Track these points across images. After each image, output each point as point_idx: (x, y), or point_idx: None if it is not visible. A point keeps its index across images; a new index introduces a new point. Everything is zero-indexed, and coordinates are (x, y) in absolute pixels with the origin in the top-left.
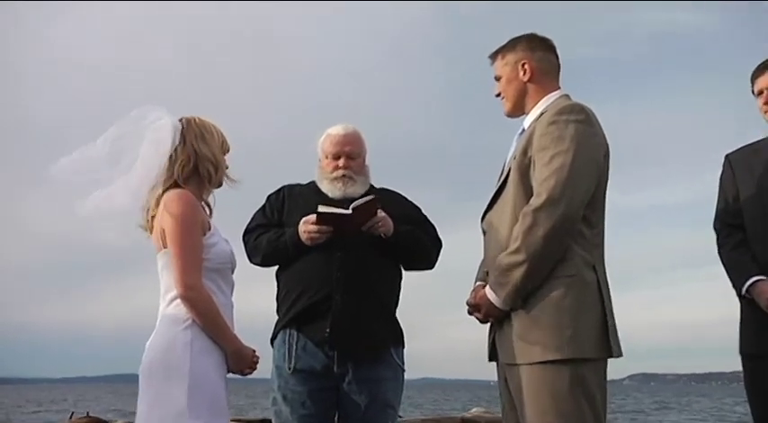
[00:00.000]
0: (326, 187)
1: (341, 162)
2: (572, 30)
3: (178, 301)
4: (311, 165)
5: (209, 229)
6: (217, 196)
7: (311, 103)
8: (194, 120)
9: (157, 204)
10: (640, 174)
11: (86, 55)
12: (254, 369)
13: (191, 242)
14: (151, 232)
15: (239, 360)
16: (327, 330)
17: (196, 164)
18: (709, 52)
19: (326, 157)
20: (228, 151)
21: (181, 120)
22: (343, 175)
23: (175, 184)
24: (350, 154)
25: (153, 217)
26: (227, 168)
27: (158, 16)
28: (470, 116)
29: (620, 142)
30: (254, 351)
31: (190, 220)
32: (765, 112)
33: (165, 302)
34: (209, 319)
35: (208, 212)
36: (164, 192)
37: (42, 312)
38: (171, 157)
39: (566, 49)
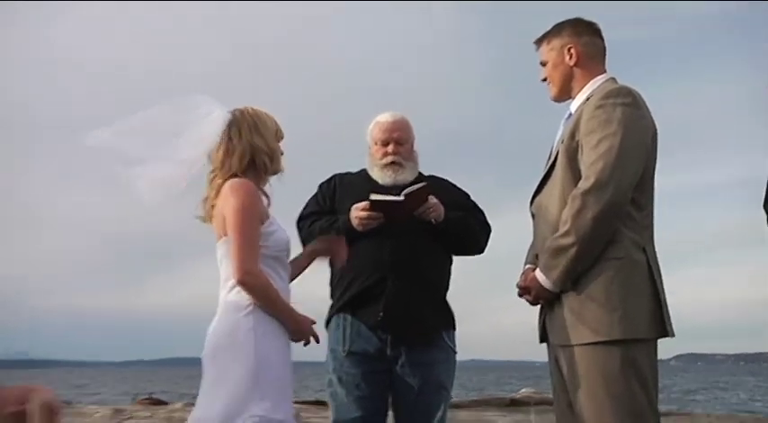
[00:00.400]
0: (377, 174)
1: (390, 148)
2: (614, 10)
3: (239, 288)
4: (362, 153)
5: (268, 217)
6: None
7: (361, 91)
8: (247, 110)
9: (217, 194)
10: (688, 154)
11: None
12: (313, 336)
13: (250, 230)
14: (211, 221)
15: (298, 331)
16: (380, 314)
17: (252, 156)
18: (751, 31)
19: (376, 144)
20: (282, 138)
21: (233, 111)
22: (393, 162)
23: (234, 175)
24: (398, 140)
25: (213, 206)
26: (282, 155)
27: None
28: (518, 101)
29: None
30: (313, 321)
31: (249, 208)
32: None
33: (226, 290)
34: (268, 300)
35: (266, 201)
36: (224, 182)
37: (103, 299)
38: (228, 149)
39: (609, 30)
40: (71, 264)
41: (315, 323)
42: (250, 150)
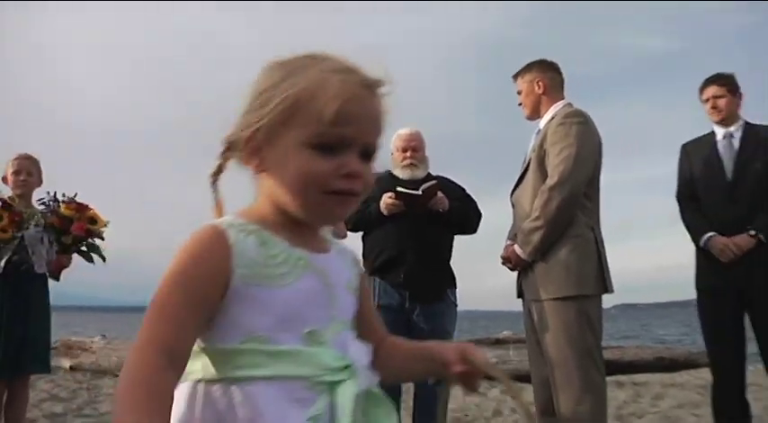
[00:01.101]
0: (398, 172)
1: (408, 153)
2: (576, 50)
3: None
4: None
5: None
6: None
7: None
8: None
9: None
10: (627, 158)
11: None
12: None
13: None
14: None
15: None
16: (402, 276)
17: None
18: (677, 68)
19: (397, 151)
20: None
21: None
22: (410, 163)
23: None
24: (414, 148)
25: None
26: None
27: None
28: (503, 118)
29: (616, 134)
30: None
31: None
32: (710, 114)
33: None
34: None
35: None
36: None
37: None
38: None
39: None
40: (176, 239)
41: None
42: None
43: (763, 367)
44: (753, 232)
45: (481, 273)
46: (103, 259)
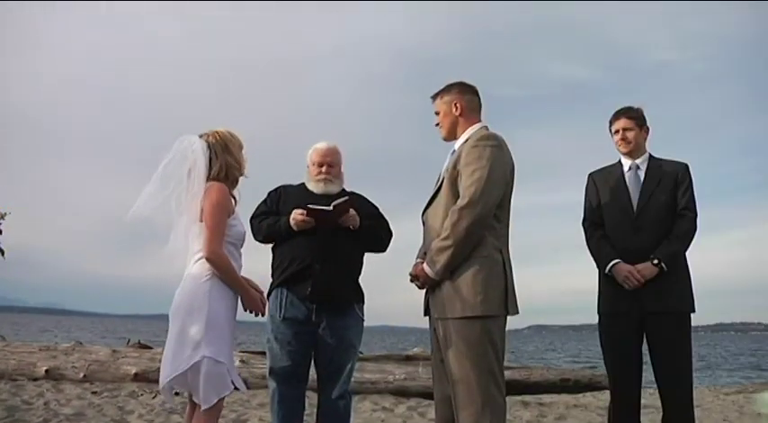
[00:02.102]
0: (312, 186)
1: (323, 169)
2: (501, 73)
3: (202, 261)
4: (301, 167)
5: (233, 213)
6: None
7: (306, 117)
8: (216, 134)
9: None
10: (541, 182)
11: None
12: (264, 309)
13: (220, 221)
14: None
15: (251, 302)
16: (309, 289)
17: (227, 170)
18: (594, 99)
19: (313, 165)
20: (243, 148)
21: (207, 137)
22: (325, 178)
23: (214, 180)
24: (330, 163)
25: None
26: (245, 162)
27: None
28: (420, 137)
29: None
30: (263, 293)
31: (221, 205)
32: (619, 145)
33: (193, 261)
34: (228, 274)
35: (234, 202)
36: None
37: (116, 266)
38: (210, 166)
39: (495, 89)
40: (93, 238)
41: (265, 301)
42: (225, 166)
43: (656, 391)
44: (656, 261)
45: (393, 288)
46: (2, 253)
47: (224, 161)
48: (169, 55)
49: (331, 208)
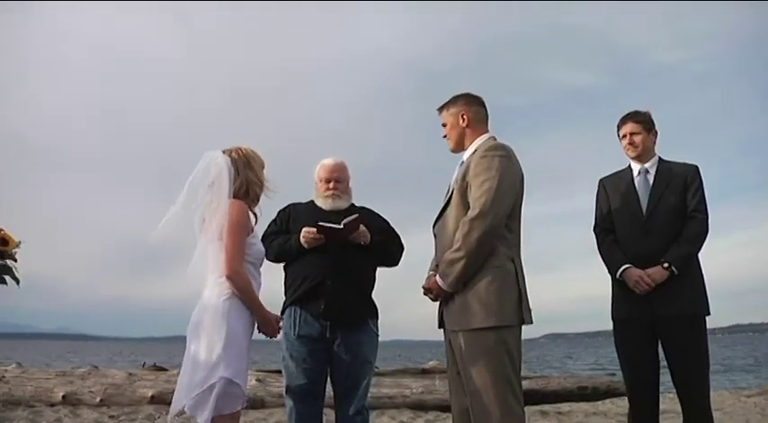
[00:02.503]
0: (320, 202)
1: (331, 185)
2: (504, 82)
3: (222, 279)
4: (306, 183)
5: (252, 231)
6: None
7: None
8: (239, 150)
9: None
10: (552, 190)
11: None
12: (278, 332)
13: (240, 239)
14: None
15: (267, 324)
16: (322, 307)
17: (247, 187)
18: (600, 104)
19: (320, 181)
20: (264, 167)
21: (229, 153)
22: (333, 194)
23: (235, 197)
24: (337, 179)
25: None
26: (266, 180)
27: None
28: (428, 149)
29: (539, 166)
30: (279, 317)
31: (241, 223)
32: (627, 150)
33: (211, 280)
34: (247, 294)
35: (254, 220)
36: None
37: (128, 288)
38: (232, 181)
39: (500, 97)
40: (103, 261)
41: (280, 322)
42: (246, 183)
43: (676, 395)
44: (666, 264)
45: (406, 302)
46: (17, 282)
47: (245, 177)
48: (170, 71)
49: (341, 226)
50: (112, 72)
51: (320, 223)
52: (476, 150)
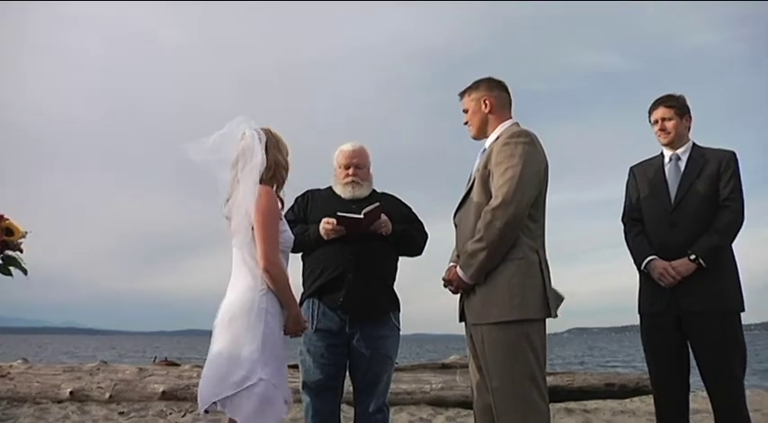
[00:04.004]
0: (340, 190)
1: (350, 171)
2: (528, 67)
3: (258, 272)
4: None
5: (281, 218)
6: None
7: (334, 120)
8: (270, 130)
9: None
10: (578, 179)
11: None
12: (303, 332)
13: (273, 228)
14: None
15: (296, 323)
16: (341, 300)
17: (275, 170)
18: (629, 87)
19: (339, 167)
20: (288, 154)
21: (260, 130)
22: (353, 181)
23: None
24: (357, 165)
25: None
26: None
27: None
28: (448, 136)
29: (567, 154)
30: (306, 319)
31: (273, 211)
32: (658, 135)
33: (243, 272)
34: (283, 288)
35: (281, 205)
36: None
37: (137, 282)
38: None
39: (524, 82)
40: (111, 254)
41: (306, 327)
42: (274, 165)
43: (706, 393)
44: (692, 257)
45: (428, 295)
46: (25, 272)
47: (274, 159)
48: (180, 60)
49: (362, 216)
50: (123, 59)
51: (339, 214)
52: (498, 137)
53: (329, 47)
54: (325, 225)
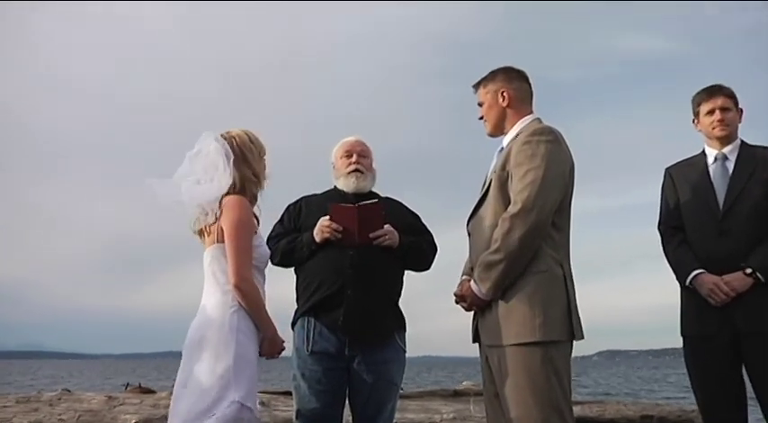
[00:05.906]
0: (342, 183)
1: (353, 158)
2: (553, 53)
3: (227, 288)
4: (327, 174)
5: (256, 232)
6: None
7: (331, 118)
8: (235, 140)
9: (219, 206)
10: (610, 182)
11: None
12: (279, 355)
13: (246, 242)
14: (206, 231)
15: (272, 345)
16: (341, 318)
17: (243, 184)
18: (672, 72)
19: (341, 158)
20: (265, 154)
21: (224, 141)
22: (356, 169)
23: (228, 193)
24: (361, 152)
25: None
26: (265, 170)
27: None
28: (460, 134)
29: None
30: (283, 340)
31: (246, 223)
32: (715, 128)
33: (213, 289)
34: (256, 306)
35: (256, 220)
36: (222, 196)
37: (106, 299)
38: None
39: (548, 70)
40: (79, 266)
41: (284, 344)
42: (240, 179)
43: None
44: (749, 270)
45: (438, 312)
46: None
47: (238, 174)
48: (171, 52)
49: (356, 206)
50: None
51: (333, 204)
52: (518, 135)
53: (321, 37)
54: (321, 223)
